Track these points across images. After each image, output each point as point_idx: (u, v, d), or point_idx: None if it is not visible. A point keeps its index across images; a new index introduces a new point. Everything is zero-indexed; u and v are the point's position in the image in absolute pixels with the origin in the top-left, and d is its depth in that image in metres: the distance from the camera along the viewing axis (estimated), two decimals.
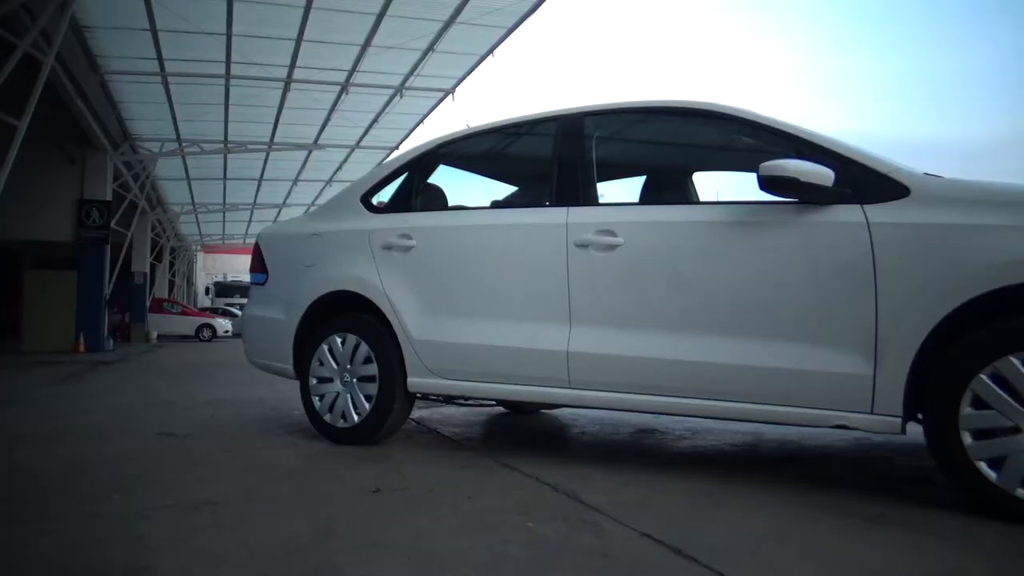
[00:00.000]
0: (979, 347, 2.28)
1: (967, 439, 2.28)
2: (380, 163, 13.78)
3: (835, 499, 2.56)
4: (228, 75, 13.04)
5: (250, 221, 29.23)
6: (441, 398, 4.94)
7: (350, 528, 2.27)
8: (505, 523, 2.29)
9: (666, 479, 2.89)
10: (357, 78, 13.47)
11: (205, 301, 38.42)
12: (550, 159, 3.34)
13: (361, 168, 17.64)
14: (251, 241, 6.31)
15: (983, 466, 2.26)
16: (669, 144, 3.77)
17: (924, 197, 2.48)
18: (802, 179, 2.52)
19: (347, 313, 3.71)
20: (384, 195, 3.92)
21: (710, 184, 3.71)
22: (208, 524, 2.30)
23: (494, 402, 4.90)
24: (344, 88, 13.85)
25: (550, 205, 3.27)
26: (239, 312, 28.20)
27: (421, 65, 13.01)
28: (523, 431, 4.26)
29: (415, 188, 3.81)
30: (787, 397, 2.61)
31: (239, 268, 38.44)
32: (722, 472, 3.10)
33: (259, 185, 22.37)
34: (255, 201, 24.89)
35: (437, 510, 2.45)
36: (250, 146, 17.36)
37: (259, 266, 4.18)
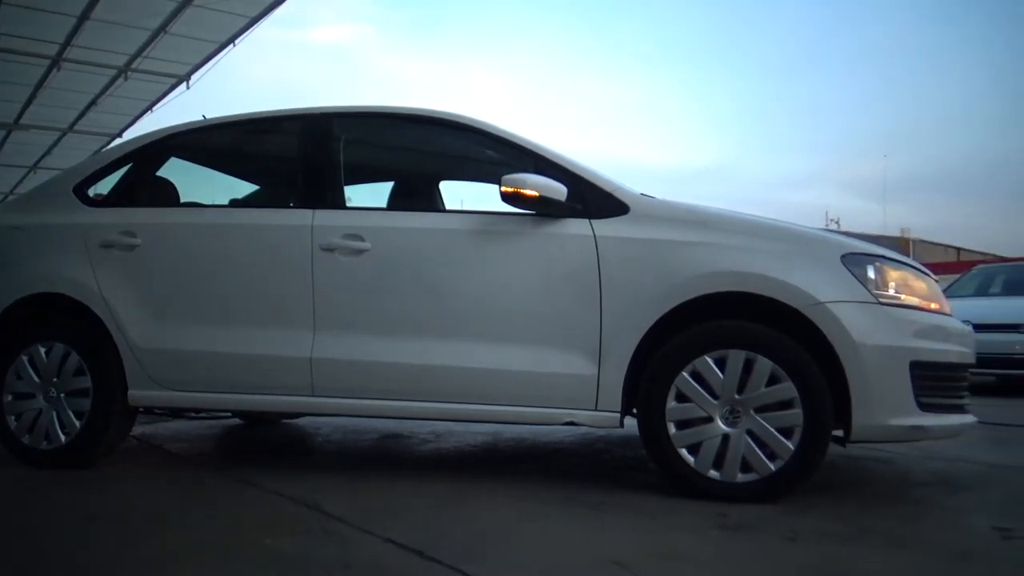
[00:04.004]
0: (681, 348, 2.62)
1: (672, 429, 2.61)
2: (99, 151, 12.32)
3: (564, 490, 2.77)
4: None
5: None
6: (167, 412, 4.55)
7: (58, 566, 1.99)
8: (243, 543, 2.16)
9: (411, 483, 2.93)
10: (72, 53, 11.90)
11: None
12: (295, 159, 3.24)
13: (75, 155, 15.59)
14: None
15: (684, 452, 2.59)
16: (417, 151, 3.82)
17: (640, 215, 2.78)
18: (539, 193, 2.71)
19: (53, 319, 3.27)
20: (103, 187, 3.51)
21: (455, 193, 3.83)
22: None
23: (229, 414, 4.62)
24: (55, 63, 12.17)
25: (295, 206, 3.16)
26: None
27: (151, 47, 11.85)
28: (262, 443, 4.06)
29: (141, 181, 3.46)
30: (523, 398, 2.78)
31: None
32: (464, 472, 3.22)
33: None
34: None
35: (166, 536, 2.24)
36: None
37: None
